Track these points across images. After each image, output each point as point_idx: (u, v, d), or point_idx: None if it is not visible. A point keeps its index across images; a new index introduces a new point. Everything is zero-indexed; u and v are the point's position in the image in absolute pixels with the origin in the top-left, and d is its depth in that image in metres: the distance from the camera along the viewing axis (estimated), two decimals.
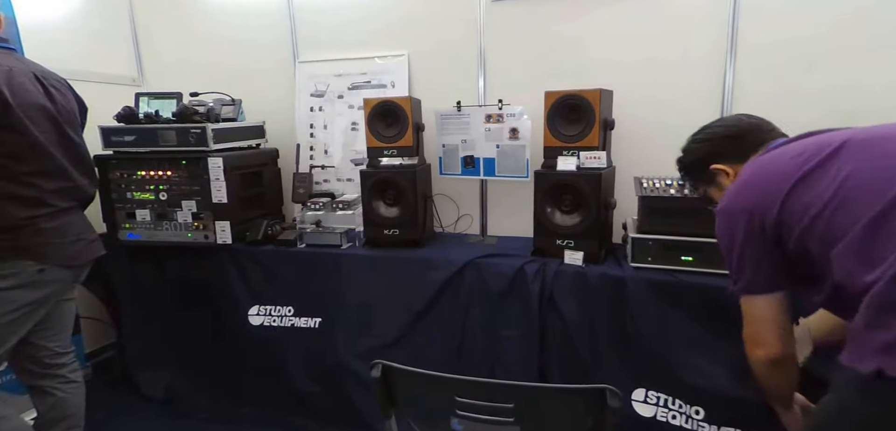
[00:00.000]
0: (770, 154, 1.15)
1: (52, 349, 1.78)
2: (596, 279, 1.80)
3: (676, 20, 2.13)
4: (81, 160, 1.76)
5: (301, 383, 2.20)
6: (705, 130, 1.34)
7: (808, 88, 2.00)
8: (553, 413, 0.97)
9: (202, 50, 2.85)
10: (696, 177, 1.36)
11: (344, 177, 2.70)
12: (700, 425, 1.66)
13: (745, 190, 1.12)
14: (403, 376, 1.05)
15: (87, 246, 1.77)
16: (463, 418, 0.98)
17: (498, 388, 0.97)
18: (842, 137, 1.03)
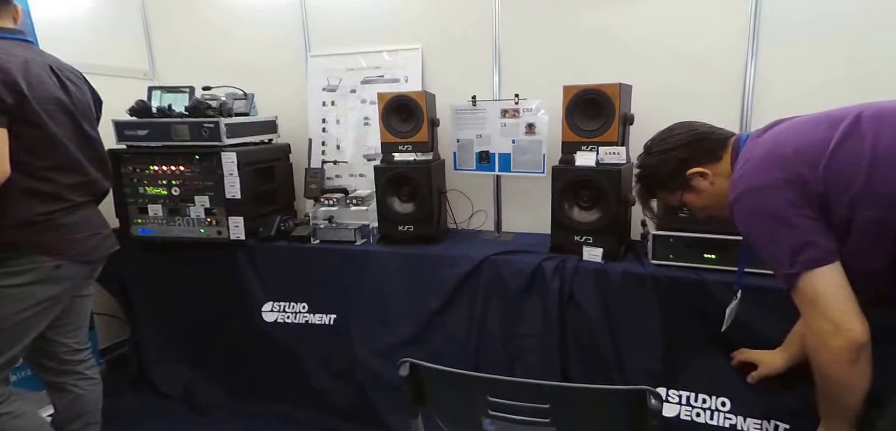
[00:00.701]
0: (783, 130, 1.14)
1: (69, 346, 1.77)
2: (617, 277, 1.77)
3: (696, 11, 2.09)
4: (96, 154, 1.74)
5: (317, 380, 2.19)
6: (665, 141, 1.33)
7: (833, 80, 1.95)
8: (591, 414, 0.94)
9: (214, 43, 2.82)
10: (670, 187, 1.33)
11: (356, 172, 2.68)
12: (726, 417, 1.63)
13: (771, 165, 1.08)
14: (433, 374, 1.02)
15: (103, 241, 1.75)
16: (496, 418, 0.95)
17: (533, 388, 0.94)
18: (854, 110, 1.05)
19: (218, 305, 2.37)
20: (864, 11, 1.89)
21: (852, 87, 1.92)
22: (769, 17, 2.00)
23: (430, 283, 2.01)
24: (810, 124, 1.10)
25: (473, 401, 0.98)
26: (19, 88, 1.43)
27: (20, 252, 1.52)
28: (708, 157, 1.26)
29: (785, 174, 1.04)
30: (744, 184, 1.12)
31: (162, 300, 2.46)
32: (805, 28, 1.97)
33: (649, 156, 1.36)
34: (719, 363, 1.64)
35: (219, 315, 2.38)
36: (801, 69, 2.00)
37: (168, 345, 2.49)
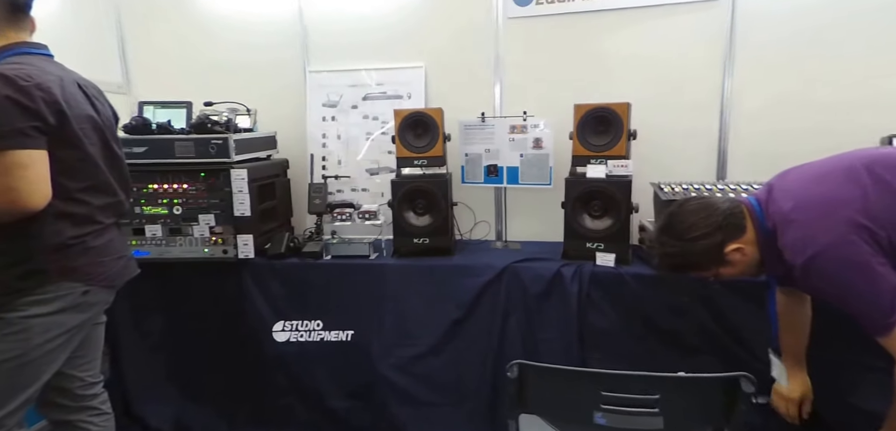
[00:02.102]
0: (811, 187, 1.23)
1: (84, 380, 1.65)
2: (632, 280, 1.90)
3: (679, 33, 2.28)
4: (122, 173, 1.65)
5: (333, 399, 2.15)
6: (696, 227, 1.31)
7: (801, 99, 2.20)
8: (692, 401, 1.03)
9: (200, 57, 2.72)
10: (707, 268, 1.35)
11: (358, 187, 2.68)
12: None
13: (836, 219, 1.13)
14: (543, 374, 1.07)
15: (127, 265, 1.66)
16: (607, 411, 1.02)
17: (644, 380, 1.02)
18: (850, 161, 1.21)
19: (220, 327, 2.28)
20: (821, 40, 2.15)
21: (809, 103, 2.19)
22: (743, 42, 2.22)
23: (451, 293, 2.05)
24: (835, 178, 1.20)
25: (585, 397, 1.04)
26: (60, 108, 1.34)
27: (49, 278, 1.42)
28: (739, 232, 1.30)
29: (853, 227, 1.10)
30: (817, 244, 1.14)
31: (155, 326, 2.33)
32: (773, 51, 2.20)
33: (682, 242, 1.32)
34: (727, 348, 1.80)
35: (221, 338, 2.29)
36: (769, 86, 2.23)
37: (159, 374, 2.35)
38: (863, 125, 2.09)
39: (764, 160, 2.22)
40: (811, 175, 1.27)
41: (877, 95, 2.10)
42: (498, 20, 2.43)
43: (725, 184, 2.11)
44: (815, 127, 2.18)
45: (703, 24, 2.25)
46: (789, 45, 2.19)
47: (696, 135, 2.35)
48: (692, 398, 1.01)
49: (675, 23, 2.29)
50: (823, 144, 2.14)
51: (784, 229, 1.23)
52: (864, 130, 2.08)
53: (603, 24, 2.34)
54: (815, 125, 2.18)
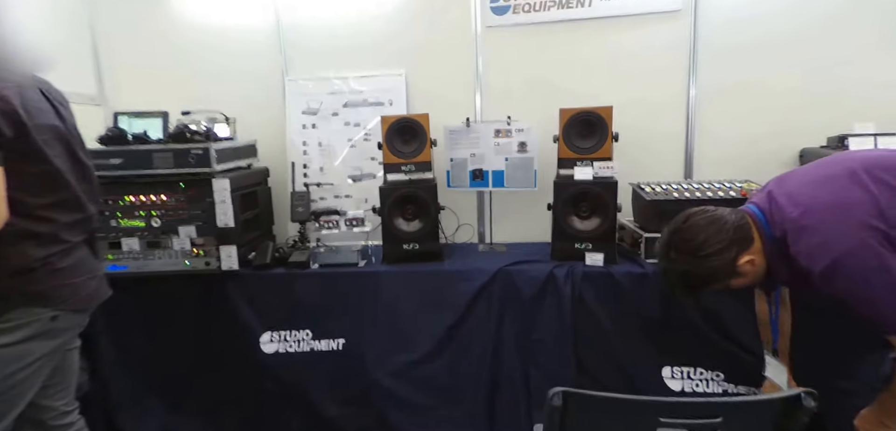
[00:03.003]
0: (819, 191, 1.18)
1: (57, 409, 1.45)
2: (622, 277, 1.86)
3: (647, 40, 2.29)
4: (91, 186, 1.45)
5: (326, 408, 2.01)
6: (708, 243, 1.24)
7: (758, 102, 2.25)
8: (753, 421, 0.96)
9: (177, 66, 2.52)
10: (722, 281, 1.29)
11: (341, 194, 2.52)
12: (722, 384, 1.81)
13: (851, 222, 1.11)
14: (592, 402, 0.95)
15: (99, 286, 1.47)
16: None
17: (701, 405, 0.93)
18: (847, 164, 1.19)
19: (205, 340, 2.10)
20: (775, 49, 2.21)
21: (765, 106, 2.24)
22: (705, 49, 2.25)
23: (445, 298, 1.96)
24: (840, 182, 1.17)
25: (636, 425, 0.94)
26: (19, 118, 1.15)
27: (13, 305, 1.22)
28: (748, 243, 1.25)
29: (868, 230, 1.08)
30: (836, 250, 1.11)
31: (136, 342, 2.12)
32: (732, 59, 2.25)
33: (697, 258, 1.25)
34: (713, 339, 1.78)
35: (206, 351, 2.10)
36: (729, 90, 2.27)
37: (143, 388, 2.14)
38: (813, 125, 2.16)
39: (727, 160, 2.27)
40: (813, 180, 1.23)
41: (826, 97, 2.18)
42: (476, 28, 2.36)
43: (692, 182, 2.10)
44: (771, 128, 2.25)
45: (669, 34, 2.28)
46: (747, 53, 2.24)
47: (665, 137, 2.37)
48: (752, 416, 0.93)
49: (643, 32, 2.30)
50: (779, 143, 2.23)
51: (796, 235, 1.18)
52: (815, 129, 2.15)
53: (576, 33, 2.33)
54: (771, 127, 2.25)
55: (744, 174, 2.13)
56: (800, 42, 2.18)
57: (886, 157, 1.20)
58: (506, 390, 1.94)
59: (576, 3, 2.29)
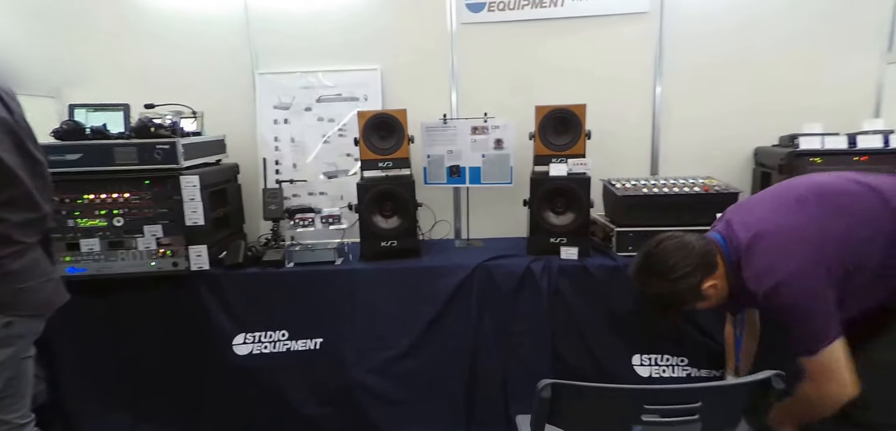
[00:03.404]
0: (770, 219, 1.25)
1: (12, 422, 1.32)
2: (595, 270, 1.88)
3: (615, 43, 2.33)
4: (45, 184, 1.32)
5: (305, 407, 1.95)
6: (676, 267, 1.29)
7: (719, 102, 2.33)
8: (727, 402, 0.98)
9: (137, 56, 2.36)
10: (690, 303, 1.35)
11: (316, 191, 2.44)
12: (685, 369, 1.88)
13: (796, 252, 1.17)
14: (580, 392, 0.95)
15: (56, 290, 1.35)
16: (648, 424, 0.92)
17: (682, 392, 0.94)
18: (801, 190, 1.26)
19: (174, 344, 1.98)
20: (736, 53, 2.29)
21: (725, 106, 2.32)
22: (671, 50, 2.32)
23: (425, 294, 1.93)
24: (789, 210, 1.24)
25: (623, 412, 0.94)
26: None
27: None
28: (712, 268, 1.31)
29: (814, 259, 1.14)
30: (776, 276, 1.17)
31: (96, 347, 1.98)
32: (695, 60, 2.31)
33: (667, 282, 1.30)
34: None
35: (175, 356, 1.99)
36: (692, 90, 2.34)
37: (105, 399, 2.01)
38: (767, 126, 2.25)
39: (690, 157, 2.34)
40: (765, 207, 1.30)
41: (778, 100, 2.28)
42: (452, 25, 2.32)
43: (658, 178, 2.16)
44: (729, 128, 2.34)
45: (637, 34, 2.33)
46: (708, 57, 2.32)
47: (633, 134, 2.41)
48: (727, 398, 0.95)
49: (612, 33, 2.34)
50: (736, 143, 2.32)
51: (746, 260, 1.25)
52: (768, 129, 2.24)
53: (548, 32, 2.34)
54: (729, 127, 2.34)
55: (706, 171, 2.20)
56: (756, 50, 2.28)
57: (835, 182, 1.28)
58: (485, 383, 1.93)
59: (549, 2, 2.29)
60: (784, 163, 1.94)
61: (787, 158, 1.92)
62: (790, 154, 1.92)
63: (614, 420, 0.96)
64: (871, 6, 2.19)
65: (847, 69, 2.24)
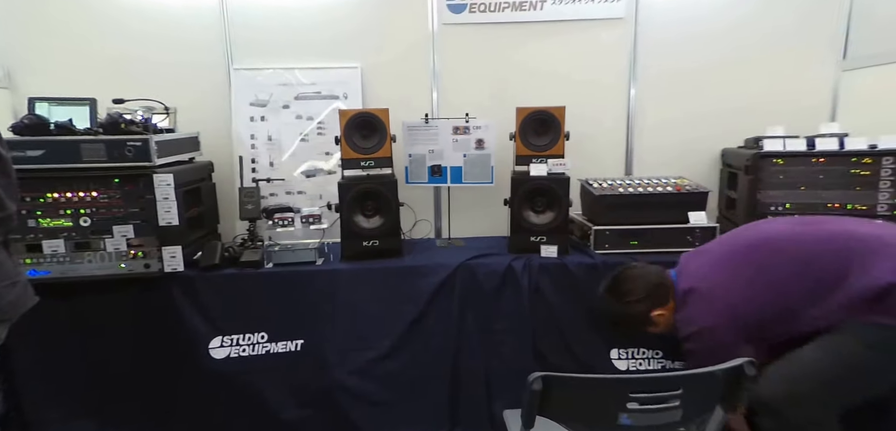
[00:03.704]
0: (710, 277, 1.42)
1: None
2: (574, 268, 1.93)
3: (592, 48, 2.39)
4: (10, 181, 1.25)
5: (285, 411, 1.91)
6: (631, 292, 1.55)
7: (685, 100, 2.43)
8: (705, 389, 1.02)
9: (103, 50, 2.26)
10: (639, 326, 1.59)
11: (294, 190, 2.39)
12: (660, 361, 1.94)
13: (712, 308, 1.37)
14: (569, 383, 0.98)
15: (25, 291, 1.28)
16: (634, 412, 0.96)
17: (665, 380, 0.98)
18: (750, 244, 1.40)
19: (146, 349, 1.91)
20: (705, 58, 2.39)
21: (695, 107, 2.42)
22: (644, 54, 2.39)
23: (407, 294, 1.93)
24: (723, 268, 1.42)
25: (611, 401, 0.97)
26: None
27: None
28: (663, 300, 1.52)
29: (731, 318, 1.34)
30: (694, 326, 1.40)
31: (61, 353, 1.88)
32: (665, 68, 2.40)
33: (620, 303, 1.56)
34: None
35: (145, 362, 1.92)
36: (664, 93, 2.42)
37: (70, 408, 1.92)
38: (733, 128, 2.36)
39: (662, 157, 2.43)
40: (711, 259, 1.47)
41: (744, 104, 2.38)
42: (433, 25, 2.33)
43: (633, 178, 2.23)
44: (698, 131, 2.43)
45: (613, 40, 2.39)
46: (679, 62, 2.41)
47: (608, 135, 2.47)
48: (705, 385, 0.99)
49: (589, 37, 2.40)
50: (705, 144, 2.42)
51: (680, 305, 1.48)
52: (735, 132, 2.35)
53: (528, 35, 2.38)
54: (699, 129, 2.43)
55: (677, 171, 2.29)
56: (723, 57, 2.38)
57: (780, 241, 1.39)
58: (468, 382, 1.94)
59: (528, 5, 2.33)
60: (750, 164, 2.04)
61: (753, 160, 2.02)
62: (755, 156, 2.01)
63: (602, 410, 0.99)
64: (828, 19, 2.33)
65: (806, 76, 2.37)
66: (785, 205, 2.00)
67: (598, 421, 1.00)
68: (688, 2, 2.35)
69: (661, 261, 1.82)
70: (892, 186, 1.90)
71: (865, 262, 1.22)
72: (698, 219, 1.99)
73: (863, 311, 1.20)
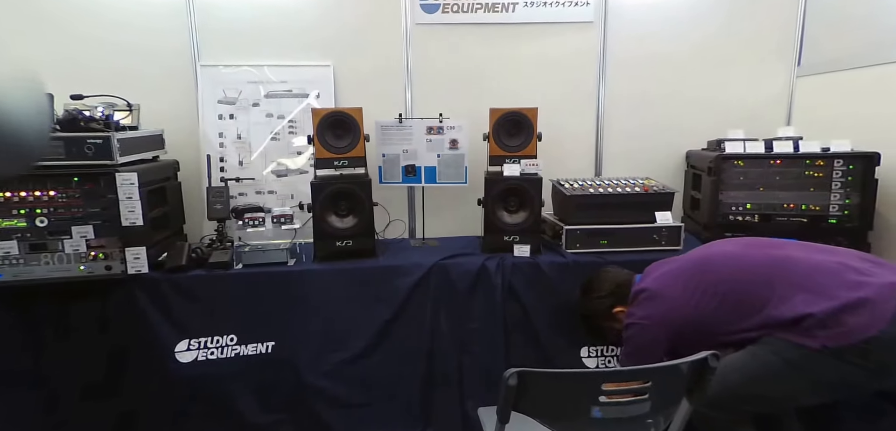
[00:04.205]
0: (659, 288, 1.52)
1: None
2: (546, 267, 1.96)
3: (563, 48, 2.44)
4: None
5: (255, 415, 1.87)
6: (599, 288, 1.71)
7: (652, 103, 2.51)
8: (671, 383, 1.06)
9: (58, 44, 2.17)
10: (604, 322, 1.71)
11: (264, 189, 2.35)
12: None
13: (653, 312, 1.49)
14: (544, 378, 1.00)
15: None
16: (605, 405, 0.99)
17: (635, 373, 1.01)
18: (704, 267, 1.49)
19: (102, 355, 1.84)
20: (669, 62, 2.47)
21: (661, 112, 2.50)
22: (612, 60, 2.46)
23: (381, 294, 1.92)
24: (676, 283, 1.51)
25: (584, 395, 1.00)
26: None
27: None
28: (624, 299, 1.63)
29: (664, 325, 1.47)
30: (636, 318, 1.54)
31: (13, 361, 1.78)
32: (632, 73, 2.48)
33: (587, 300, 1.74)
34: None
35: (105, 368, 1.85)
36: (632, 97, 2.50)
37: (22, 419, 1.81)
38: (697, 131, 2.46)
39: (629, 158, 2.50)
40: (665, 271, 1.56)
41: (707, 108, 2.49)
42: (407, 25, 2.33)
43: (603, 179, 2.28)
44: (664, 133, 2.52)
45: (583, 43, 2.45)
46: (646, 67, 2.48)
47: (579, 136, 2.52)
48: (672, 379, 1.03)
49: (560, 40, 2.45)
50: (671, 146, 2.50)
51: (631, 302, 1.60)
52: (698, 134, 2.44)
53: (501, 36, 2.41)
54: (664, 131, 2.52)
55: (644, 172, 2.36)
56: (688, 63, 2.47)
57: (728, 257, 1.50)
58: (441, 380, 1.95)
59: (501, 7, 2.36)
60: (712, 166, 2.12)
61: (715, 162, 2.10)
62: (718, 158, 2.10)
63: (574, 404, 1.02)
64: (784, 30, 2.45)
65: (764, 82, 2.49)
66: (746, 205, 2.10)
67: (571, 415, 1.02)
68: (655, 9, 2.43)
69: (629, 260, 1.90)
70: (842, 187, 2.01)
71: (785, 293, 1.33)
72: (665, 219, 2.06)
73: (778, 331, 1.32)
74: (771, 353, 1.32)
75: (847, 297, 1.26)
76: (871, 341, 1.20)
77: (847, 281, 1.30)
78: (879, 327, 1.20)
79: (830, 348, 1.23)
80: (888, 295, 1.24)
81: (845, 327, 1.23)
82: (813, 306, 1.28)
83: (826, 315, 1.25)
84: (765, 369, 1.32)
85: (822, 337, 1.24)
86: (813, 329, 1.26)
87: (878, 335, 1.20)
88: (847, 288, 1.28)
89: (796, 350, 1.27)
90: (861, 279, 1.29)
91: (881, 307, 1.22)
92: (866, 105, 2.07)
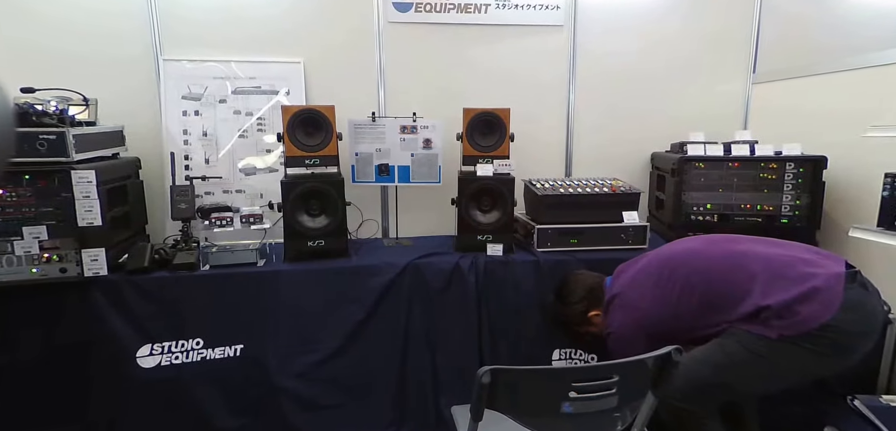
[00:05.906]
0: (634, 292, 1.58)
1: None
2: (518, 266, 1.99)
3: (534, 51, 2.48)
4: None
5: (222, 420, 1.82)
6: (572, 294, 1.74)
7: (619, 106, 2.58)
8: (637, 377, 1.09)
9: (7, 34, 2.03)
10: (578, 325, 1.76)
11: (232, 188, 2.28)
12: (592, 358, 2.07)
13: (627, 316, 1.56)
14: (517, 375, 1.01)
15: None
16: (575, 400, 1.01)
17: (603, 369, 1.04)
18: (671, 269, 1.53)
19: (61, 363, 1.75)
20: (635, 69, 2.56)
21: (627, 114, 2.58)
22: (582, 61, 2.52)
23: (354, 294, 1.90)
24: (644, 285, 1.56)
25: (554, 391, 1.02)
26: None
27: None
28: (598, 303, 1.69)
29: (639, 326, 1.53)
30: (610, 328, 1.60)
31: None
32: (600, 76, 2.54)
33: (562, 304, 1.77)
34: None
35: (60, 376, 1.76)
36: (599, 102, 2.56)
37: None
38: (661, 134, 2.55)
39: (598, 159, 2.57)
40: (633, 272, 1.62)
41: (670, 112, 2.59)
42: (379, 22, 2.32)
43: (573, 179, 2.33)
44: (630, 135, 2.59)
45: (553, 46, 2.49)
46: (613, 72, 2.56)
47: (550, 137, 2.58)
48: (637, 373, 1.07)
49: (531, 42, 2.50)
50: (636, 148, 2.59)
51: (605, 310, 1.66)
52: (662, 137, 2.54)
53: (474, 36, 2.43)
54: (630, 133, 2.59)
55: (612, 172, 2.43)
56: (651, 67, 2.55)
57: (692, 253, 1.56)
58: (415, 380, 1.95)
59: (473, 8, 2.38)
60: (675, 167, 2.21)
61: (678, 164, 2.19)
62: (680, 160, 2.18)
63: (546, 400, 1.04)
64: (740, 39, 2.57)
65: (722, 88, 2.60)
66: (706, 205, 2.19)
67: (543, 411, 1.05)
68: (622, 17, 2.50)
69: (598, 259, 1.96)
70: (794, 189, 2.13)
71: (745, 287, 1.41)
72: (631, 218, 2.13)
73: (740, 323, 1.40)
74: (735, 343, 1.39)
75: (799, 289, 1.34)
76: (824, 327, 1.29)
77: (799, 273, 1.38)
78: (831, 313, 1.29)
79: (788, 336, 1.31)
80: (835, 283, 1.33)
81: (799, 315, 1.31)
82: (769, 298, 1.35)
83: (781, 307, 1.33)
84: (730, 359, 1.39)
85: (779, 327, 1.32)
86: (770, 320, 1.34)
87: (829, 322, 1.29)
88: (799, 280, 1.36)
89: (758, 340, 1.35)
90: (811, 271, 1.37)
91: (830, 295, 1.31)
92: (814, 111, 2.20)
